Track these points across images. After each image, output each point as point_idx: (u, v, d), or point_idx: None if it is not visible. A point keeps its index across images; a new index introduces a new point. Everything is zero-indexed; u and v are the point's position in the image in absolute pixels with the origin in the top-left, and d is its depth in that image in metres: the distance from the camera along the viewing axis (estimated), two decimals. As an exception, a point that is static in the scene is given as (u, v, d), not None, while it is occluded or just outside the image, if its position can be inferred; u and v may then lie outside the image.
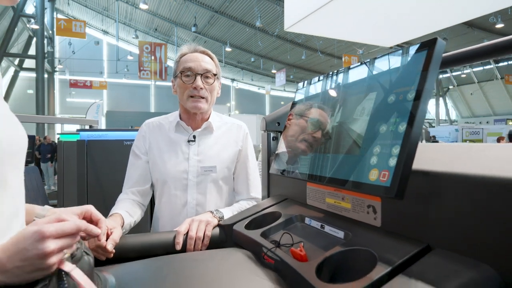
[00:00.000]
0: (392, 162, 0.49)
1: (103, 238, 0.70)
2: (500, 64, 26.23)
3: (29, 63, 21.12)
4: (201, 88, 1.09)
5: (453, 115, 32.46)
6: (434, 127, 26.71)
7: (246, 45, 22.70)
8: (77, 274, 0.46)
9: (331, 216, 0.69)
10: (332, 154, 0.64)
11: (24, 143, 0.52)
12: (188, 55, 1.14)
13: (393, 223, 0.57)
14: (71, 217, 0.55)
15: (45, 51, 18.72)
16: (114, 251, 0.74)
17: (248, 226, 0.80)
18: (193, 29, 18.75)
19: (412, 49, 0.54)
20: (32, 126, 18.87)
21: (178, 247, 0.82)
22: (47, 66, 19.15)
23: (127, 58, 22.14)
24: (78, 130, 2.13)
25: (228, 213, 1.01)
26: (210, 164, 1.13)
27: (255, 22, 17.67)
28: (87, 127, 2.46)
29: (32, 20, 19.08)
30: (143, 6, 16.21)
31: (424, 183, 0.52)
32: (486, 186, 0.44)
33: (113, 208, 1.01)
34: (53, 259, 0.45)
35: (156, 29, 22.57)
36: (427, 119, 32.68)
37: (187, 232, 0.85)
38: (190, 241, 0.83)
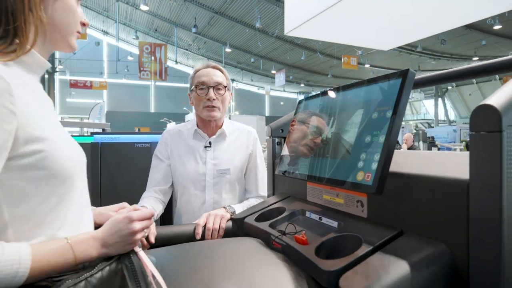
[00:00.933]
0: (374, 166, 0.64)
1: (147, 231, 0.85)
2: (499, 65, 26.44)
3: None
4: (214, 99, 1.24)
5: (452, 115, 32.57)
6: (433, 127, 26.84)
7: (246, 46, 22.76)
8: (142, 254, 0.61)
9: (328, 210, 0.84)
10: (328, 159, 0.79)
11: (84, 155, 0.66)
12: (201, 71, 1.30)
13: (376, 214, 0.71)
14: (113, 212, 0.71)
15: None
16: (153, 241, 0.88)
17: (257, 219, 0.94)
18: (193, 30, 18.84)
19: (391, 77, 0.69)
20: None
21: (198, 237, 0.97)
22: None
23: (127, 58, 22.18)
24: (92, 133, 2.27)
25: (239, 208, 1.16)
26: (225, 167, 1.28)
27: (254, 23, 17.73)
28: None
29: None
30: (143, 7, 16.29)
31: (399, 183, 0.66)
32: (440, 185, 0.58)
33: (139, 203, 1.16)
34: (139, 236, 0.61)
35: (156, 30, 22.61)
36: (426, 119, 32.83)
37: (205, 225, 1.00)
38: (208, 232, 0.98)
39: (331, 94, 0.88)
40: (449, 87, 30.55)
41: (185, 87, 30.54)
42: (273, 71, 22.82)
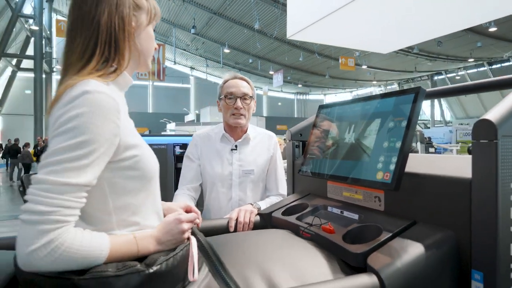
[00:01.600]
0: (392, 167, 0.77)
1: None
2: (494, 67, 26.58)
3: (27, 63, 21.04)
4: (241, 108, 1.38)
5: (448, 116, 32.82)
6: (429, 128, 27.07)
7: (244, 47, 22.82)
8: (193, 244, 0.74)
9: (348, 205, 0.97)
10: (349, 161, 0.92)
11: (157, 161, 0.79)
12: (230, 81, 1.43)
13: (392, 208, 0.84)
14: (180, 209, 0.83)
15: (43, 51, 18.65)
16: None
17: (284, 213, 1.07)
18: (192, 30, 18.91)
19: (406, 92, 0.82)
20: (30, 127, 18.92)
21: (231, 229, 1.09)
22: (45, 66, 19.06)
23: (126, 58, 22.21)
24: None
25: (263, 205, 1.29)
26: (249, 168, 1.42)
27: (253, 24, 17.80)
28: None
29: (30, 21, 19.08)
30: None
31: (412, 181, 0.79)
32: (446, 182, 0.72)
33: (173, 200, 1.29)
34: (186, 234, 0.73)
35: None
36: (422, 120, 33.09)
37: (237, 218, 1.13)
38: (240, 225, 1.11)
39: (351, 103, 1.01)
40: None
41: (183, 88, 30.35)
42: (271, 72, 22.92)
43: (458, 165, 0.74)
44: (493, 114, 0.62)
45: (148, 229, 0.70)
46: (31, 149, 11.02)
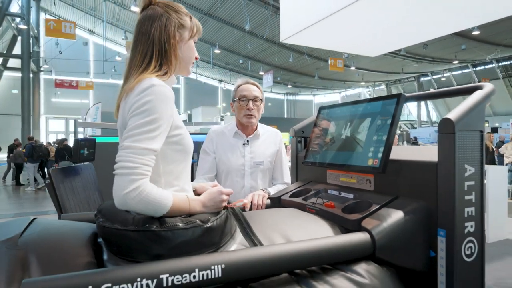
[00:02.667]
0: (380, 155, 1.00)
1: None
2: (477, 68, 27.23)
3: (14, 62, 20.74)
4: (252, 109, 1.60)
5: (434, 116, 33.44)
6: (416, 128, 27.65)
7: (235, 47, 22.87)
8: (232, 210, 0.96)
9: (344, 187, 1.20)
10: (345, 152, 1.15)
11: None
12: (242, 86, 1.66)
13: (379, 187, 1.08)
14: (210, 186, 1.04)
15: (31, 50, 18.34)
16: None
17: (291, 196, 1.29)
18: (183, 31, 19.00)
19: (389, 97, 1.05)
20: (17, 126, 18.67)
21: (247, 210, 1.31)
22: (32, 65, 18.76)
23: (116, 58, 21.99)
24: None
25: (272, 191, 1.51)
26: (259, 160, 1.65)
27: (243, 25, 17.89)
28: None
29: (17, 19, 18.79)
30: (134, 9, 16.39)
31: (394, 166, 1.03)
32: (420, 165, 0.95)
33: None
34: (225, 203, 0.94)
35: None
36: (409, 120, 33.75)
37: (251, 201, 1.34)
38: (254, 206, 1.32)
39: (347, 105, 1.24)
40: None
41: (174, 88, 30.46)
42: (261, 72, 23.05)
43: (428, 152, 0.97)
44: (452, 114, 0.85)
45: (186, 192, 0.92)
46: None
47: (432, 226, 0.90)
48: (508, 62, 25.19)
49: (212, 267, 0.66)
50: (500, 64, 25.35)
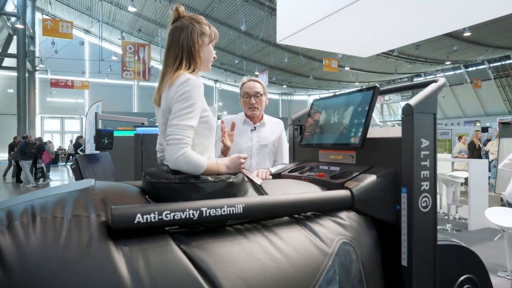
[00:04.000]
0: (359, 134, 1.28)
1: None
2: (470, 69, 27.60)
3: (9, 61, 20.70)
4: (254, 103, 1.90)
5: (427, 116, 33.82)
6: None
7: (230, 47, 23.01)
8: (246, 171, 1.22)
9: (333, 163, 1.48)
10: (333, 134, 1.43)
11: None
12: (246, 84, 1.97)
13: (360, 160, 1.36)
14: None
15: (27, 50, 18.28)
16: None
17: (289, 172, 1.57)
18: (180, 31, 19.10)
19: (367, 89, 1.33)
20: (13, 125, 18.70)
21: None
22: (27, 65, 18.68)
23: (112, 58, 22.01)
24: (135, 126, 2.83)
25: (273, 170, 1.79)
26: (264, 143, 1.94)
27: (239, 26, 18.05)
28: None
29: (12, 19, 18.75)
30: (131, 9, 16.48)
31: (370, 142, 1.31)
32: (389, 141, 1.23)
33: None
34: (242, 165, 1.20)
35: (140, 30, 22.57)
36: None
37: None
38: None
39: (334, 97, 1.52)
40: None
41: (169, 87, 30.29)
42: (257, 72, 23.23)
43: (395, 131, 1.25)
44: (412, 101, 1.14)
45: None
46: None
47: (398, 186, 1.18)
48: (499, 63, 25.59)
49: (236, 205, 0.93)
50: (491, 65, 25.75)
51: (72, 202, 0.85)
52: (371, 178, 1.18)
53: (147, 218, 0.81)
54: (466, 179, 5.05)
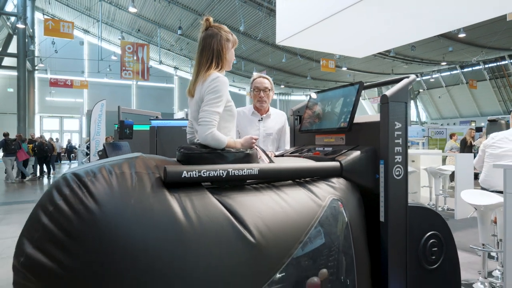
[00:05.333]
0: (347, 119, 1.60)
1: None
2: (465, 70, 27.93)
3: (8, 61, 20.72)
4: (263, 97, 2.22)
5: (423, 117, 34.17)
6: (404, 127, 28.24)
7: (229, 48, 23.16)
8: (258, 148, 1.54)
9: (326, 145, 1.79)
10: (327, 121, 1.74)
11: None
12: (256, 79, 2.30)
13: (348, 141, 1.67)
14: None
15: (27, 49, 18.15)
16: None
17: (291, 153, 1.89)
18: (179, 31, 19.28)
19: (354, 85, 1.65)
20: (12, 125, 18.86)
21: None
22: (27, 64, 18.73)
23: (111, 58, 22.17)
24: (150, 119, 3.15)
25: (277, 153, 2.11)
26: (270, 132, 2.28)
27: (238, 26, 18.24)
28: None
29: (12, 19, 18.83)
30: (132, 10, 16.69)
31: (356, 126, 1.62)
32: (370, 124, 1.55)
33: None
34: (253, 144, 1.52)
35: (139, 30, 22.75)
36: (398, 120, 34.49)
37: None
38: (265, 161, 1.92)
39: (328, 91, 1.84)
40: (421, 90, 32.14)
41: (167, 87, 30.14)
42: (255, 73, 23.48)
43: (375, 117, 1.56)
44: (388, 92, 1.45)
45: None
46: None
47: (377, 159, 1.50)
48: (495, 64, 25.94)
49: (253, 168, 1.24)
50: (486, 66, 26.10)
51: (134, 163, 1.16)
52: (356, 153, 1.50)
53: (190, 174, 1.13)
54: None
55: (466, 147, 8.61)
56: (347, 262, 1.30)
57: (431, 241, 1.53)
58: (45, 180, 11.09)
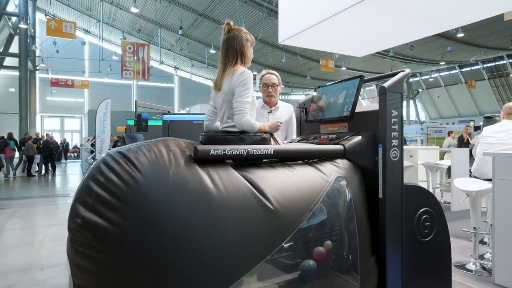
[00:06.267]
0: (349, 108, 1.80)
1: None
2: (464, 70, 28.12)
3: (10, 61, 20.77)
4: (271, 92, 2.43)
5: (423, 116, 34.34)
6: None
7: (229, 48, 23.23)
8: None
9: (331, 133, 1.99)
10: (331, 111, 1.94)
11: None
12: (264, 76, 2.51)
13: (350, 129, 1.87)
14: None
15: (28, 49, 18.21)
16: None
17: (298, 142, 2.08)
18: (180, 31, 19.43)
19: (355, 78, 1.84)
20: (13, 124, 18.98)
21: None
22: (28, 64, 18.77)
23: (112, 58, 22.29)
24: (162, 114, 3.34)
25: (285, 141, 2.30)
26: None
27: (238, 26, 18.35)
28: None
29: (13, 19, 18.92)
30: (134, 10, 16.85)
31: (358, 115, 1.82)
32: (370, 113, 1.75)
33: None
34: (279, 127, 1.73)
35: (139, 30, 22.89)
36: (397, 119, 34.63)
37: None
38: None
39: (332, 84, 2.04)
40: (420, 90, 32.36)
41: (167, 87, 30.27)
42: (255, 73, 23.54)
43: (375, 106, 1.76)
44: (386, 84, 1.65)
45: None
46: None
47: (376, 143, 1.69)
48: (493, 64, 26.10)
49: (269, 149, 1.44)
50: (485, 65, 26.27)
51: (167, 143, 1.35)
52: (357, 138, 1.69)
53: (217, 152, 1.32)
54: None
55: (463, 144, 8.81)
56: (350, 230, 1.50)
57: (424, 216, 1.73)
58: (50, 177, 11.26)
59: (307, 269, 1.40)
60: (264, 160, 1.48)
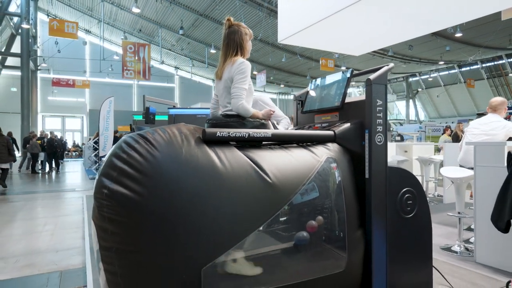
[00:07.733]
0: (340, 99, 2.01)
1: None
2: (463, 69, 28.25)
3: (12, 61, 20.89)
4: None
5: (422, 116, 34.48)
6: (402, 125, 28.77)
7: (230, 47, 23.35)
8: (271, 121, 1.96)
9: (324, 122, 2.20)
10: (324, 102, 2.15)
11: None
12: None
13: (341, 118, 2.08)
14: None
15: (30, 49, 18.30)
16: None
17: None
18: (181, 31, 19.58)
19: (347, 71, 2.05)
20: (15, 124, 19.15)
21: None
22: (30, 64, 18.72)
23: (113, 58, 22.40)
24: (168, 108, 3.55)
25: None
26: (279, 118, 2.64)
27: (238, 22, 18.42)
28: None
29: (15, 19, 19.01)
30: (135, 10, 17.03)
31: (347, 105, 2.03)
32: (358, 103, 1.96)
33: None
34: (271, 115, 1.93)
35: (140, 30, 23.05)
36: (398, 119, 34.87)
37: None
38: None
39: (324, 78, 2.25)
40: (419, 89, 32.47)
41: (168, 87, 30.41)
42: (255, 72, 23.67)
43: (362, 97, 1.96)
44: (371, 77, 1.86)
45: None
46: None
47: (363, 129, 1.90)
48: (492, 63, 26.22)
49: (268, 132, 1.64)
50: (484, 65, 26.41)
51: (179, 127, 1.56)
52: (347, 125, 1.90)
53: (222, 134, 1.53)
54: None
55: (458, 140, 9.02)
56: (339, 204, 1.70)
57: (407, 195, 1.93)
58: (54, 174, 11.48)
59: (301, 240, 1.62)
60: (263, 142, 1.68)
